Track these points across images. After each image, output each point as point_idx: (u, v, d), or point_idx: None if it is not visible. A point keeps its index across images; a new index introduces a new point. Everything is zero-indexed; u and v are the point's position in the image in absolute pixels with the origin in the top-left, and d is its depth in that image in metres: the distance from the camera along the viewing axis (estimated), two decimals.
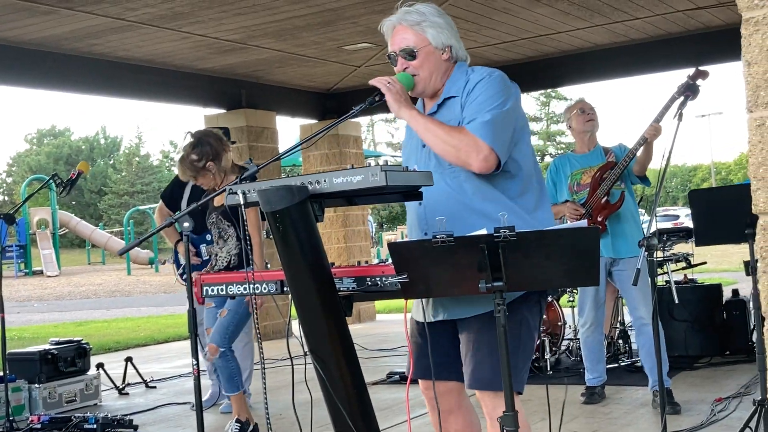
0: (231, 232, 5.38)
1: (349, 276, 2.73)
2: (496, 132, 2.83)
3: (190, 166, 5.25)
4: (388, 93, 2.91)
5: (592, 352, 5.81)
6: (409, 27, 2.99)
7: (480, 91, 2.89)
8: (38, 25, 7.64)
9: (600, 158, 5.78)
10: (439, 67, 3.01)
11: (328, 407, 2.77)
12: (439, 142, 2.85)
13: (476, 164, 2.81)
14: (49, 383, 6.51)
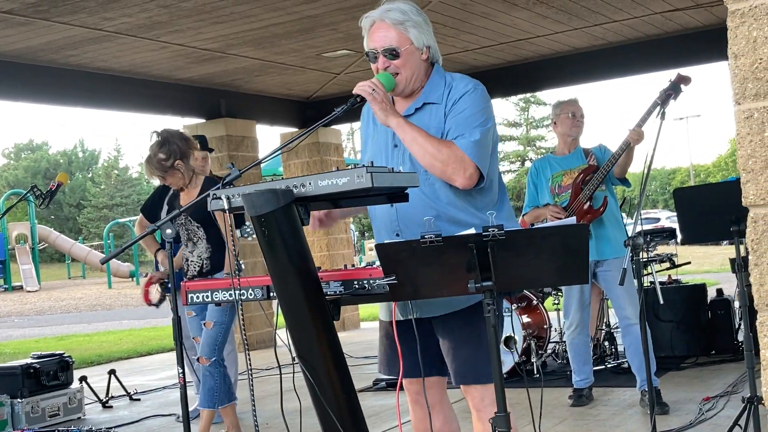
0: (200, 234, 5.26)
1: (336, 280, 2.69)
2: (480, 151, 2.86)
3: (157, 165, 5.13)
4: (374, 102, 2.87)
5: (579, 354, 5.80)
6: (392, 25, 2.95)
7: (466, 105, 2.89)
8: (14, 37, 7.57)
9: (580, 160, 5.78)
10: (419, 67, 2.99)
11: (318, 413, 2.73)
12: (427, 155, 2.84)
13: (461, 181, 2.84)
14: (32, 397, 6.42)
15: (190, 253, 5.29)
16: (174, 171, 5.15)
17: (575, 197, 5.62)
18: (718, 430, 4.71)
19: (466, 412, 5.54)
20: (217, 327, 5.15)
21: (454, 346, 2.89)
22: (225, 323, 5.19)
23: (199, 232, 5.25)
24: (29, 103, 9.38)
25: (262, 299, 2.83)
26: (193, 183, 5.25)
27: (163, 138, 5.19)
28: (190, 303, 2.97)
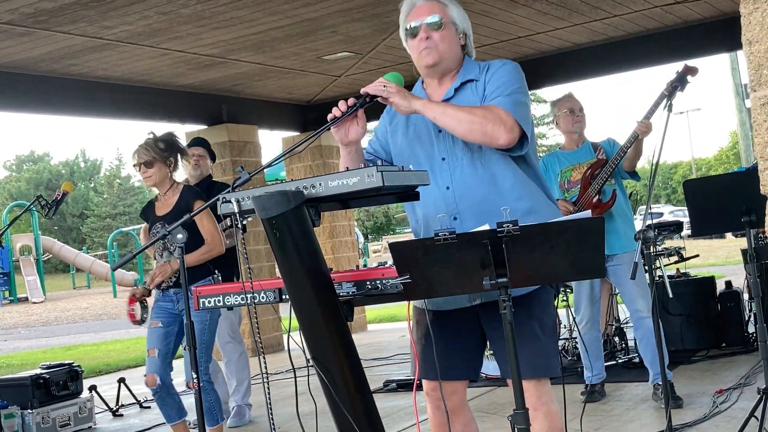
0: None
1: (349, 280, 2.67)
2: (520, 109, 2.84)
3: (153, 146, 5.03)
4: (391, 95, 2.82)
5: (590, 350, 5.78)
6: (437, 3, 2.96)
7: (503, 73, 2.91)
8: (14, 47, 7.57)
9: (589, 154, 5.76)
10: (455, 49, 2.98)
11: (333, 414, 2.71)
12: (461, 122, 2.79)
13: (504, 136, 2.78)
14: (42, 408, 6.41)
15: (167, 263, 5.07)
16: (161, 164, 5.04)
17: (584, 191, 5.61)
18: (733, 422, 4.68)
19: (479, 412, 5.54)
20: (198, 348, 4.83)
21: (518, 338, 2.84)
22: (205, 342, 5.02)
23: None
24: (31, 113, 9.39)
25: (275, 302, 2.80)
26: (171, 191, 5.14)
27: (170, 139, 5.17)
28: (202, 308, 2.95)
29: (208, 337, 5.03)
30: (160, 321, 5.00)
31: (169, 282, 5.01)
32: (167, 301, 5.02)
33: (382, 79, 2.91)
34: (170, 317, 4.99)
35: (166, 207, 5.12)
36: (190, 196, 5.09)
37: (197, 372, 3.10)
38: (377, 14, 7.87)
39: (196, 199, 5.07)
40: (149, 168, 5.01)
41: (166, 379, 4.94)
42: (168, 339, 4.98)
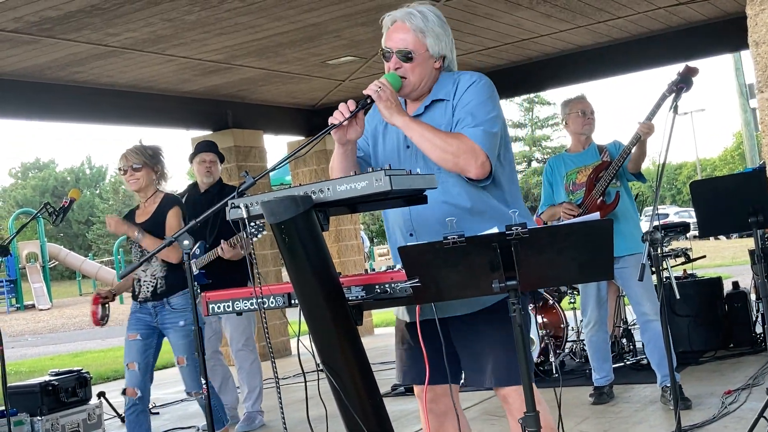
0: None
1: (358, 285, 2.68)
2: (490, 140, 2.85)
3: (142, 151, 5.09)
4: (379, 101, 2.88)
5: (598, 352, 5.78)
6: (411, 30, 2.97)
7: (472, 97, 2.90)
8: (20, 56, 7.59)
9: (594, 156, 5.77)
10: (430, 74, 3.01)
11: (343, 418, 2.72)
12: (437, 149, 2.83)
13: (474, 171, 2.82)
14: (52, 415, 6.41)
15: (143, 273, 5.01)
16: (147, 171, 5.08)
17: (589, 193, 5.62)
18: (742, 423, 4.68)
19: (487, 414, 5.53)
20: (191, 360, 4.90)
21: (488, 347, 2.86)
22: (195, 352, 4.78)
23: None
24: (37, 121, 9.39)
25: (284, 307, 2.81)
26: (153, 198, 5.14)
27: (158, 149, 5.22)
28: (211, 313, 2.95)
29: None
30: (139, 333, 4.95)
31: (146, 294, 4.96)
32: (145, 313, 4.98)
33: (382, 79, 2.93)
34: (148, 329, 4.95)
35: (145, 215, 5.12)
36: (170, 204, 5.11)
37: (206, 378, 3.10)
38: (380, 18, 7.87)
39: (173, 206, 5.09)
40: (137, 172, 5.06)
41: (145, 393, 4.93)
42: (147, 352, 4.95)
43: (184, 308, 4.91)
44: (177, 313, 4.91)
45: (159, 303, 4.93)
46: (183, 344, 4.87)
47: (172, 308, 4.92)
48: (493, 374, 2.86)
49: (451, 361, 2.91)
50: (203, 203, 6.29)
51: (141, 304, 4.99)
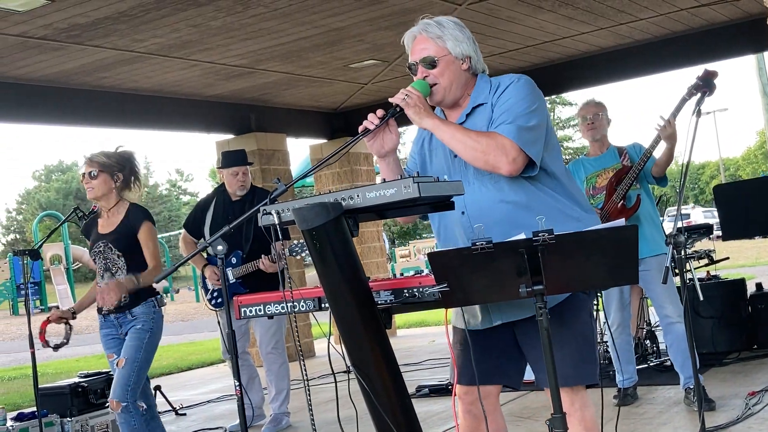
0: (121, 264, 4.84)
1: (386, 289, 2.74)
2: (526, 134, 2.86)
3: (100, 158, 4.90)
4: (407, 107, 2.93)
5: (622, 353, 5.81)
6: (429, 38, 3.03)
7: (510, 95, 2.93)
8: (48, 62, 7.71)
9: (614, 159, 5.80)
10: (459, 77, 3.04)
11: (373, 419, 2.78)
12: (467, 148, 2.87)
13: (505, 167, 2.84)
14: (81, 416, 6.52)
15: (106, 285, 4.82)
16: (107, 176, 4.90)
17: (609, 198, 5.65)
18: (766, 424, 4.70)
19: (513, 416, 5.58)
20: (129, 365, 4.71)
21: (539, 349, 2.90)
22: (139, 360, 4.73)
23: (119, 261, 4.85)
24: (64, 126, 9.57)
25: (314, 310, 2.88)
26: (116, 208, 4.96)
27: (127, 155, 5.02)
28: (243, 316, 3.02)
29: (142, 358, 4.76)
30: (113, 352, 4.88)
31: (110, 307, 4.79)
32: (110, 326, 4.89)
33: (408, 87, 2.99)
34: (120, 345, 4.84)
35: (109, 225, 4.94)
36: (138, 216, 4.91)
37: (239, 379, 3.17)
38: (404, 22, 7.93)
39: (144, 220, 4.88)
40: (93, 179, 4.88)
41: (149, 402, 4.95)
42: None
43: (144, 315, 4.80)
44: (137, 319, 4.80)
45: (122, 314, 4.83)
46: (130, 346, 4.74)
47: (133, 316, 4.81)
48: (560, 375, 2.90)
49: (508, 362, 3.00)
50: (236, 209, 6.37)
51: (105, 317, 4.89)
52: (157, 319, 4.87)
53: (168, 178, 63.75)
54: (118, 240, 4.86)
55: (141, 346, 4.74)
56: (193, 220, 6.60)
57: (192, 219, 6.63)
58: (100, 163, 4.90)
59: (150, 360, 4.84)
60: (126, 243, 4.84)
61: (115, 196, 4.97)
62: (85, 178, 4.93)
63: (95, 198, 4.95)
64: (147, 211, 4.99)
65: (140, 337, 4.75)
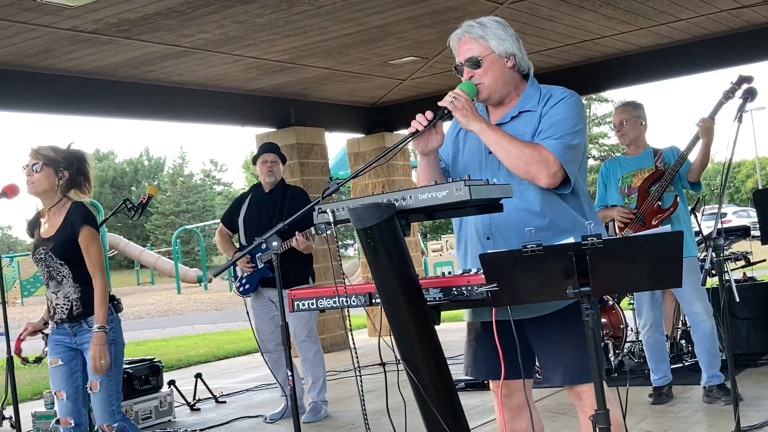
0: (65, 272, 4.41)
1: (436, 286, 2.85)
2: (568, 153, 2.99)
3: (46, 150, 4.48)
4: (455, 110, 3.03)
5: (655, 352, 5.88)
6: (473, 39, 3.13)
7: (560, 110, 3.05)
8: (96, 55, 7.89)
9: (649, 160, 5.83)
10: (504, 75, 3.14)
11: (421, 410, 2.90)
12: (510, 156, 2.99)
13: (544, 180, 2.97)
14: (126, 401, 6.69)
15: (54, 294, 4.45)
16: (49, 172, 4.45)
17: (642, 200, 5.71)
18: None
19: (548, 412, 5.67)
20: (105, 387, 4.36)
21: (560, 347, 3.02)
22: (113, 377, 4.40)
23: (63, 270, 4.42)
24: (109, 118, 9.74)
25: (365, 305, 3.00)
26: (57, 207, 4.49)
27: (78, 153, 4.62)
28: (296, 310, 3.14)
29: (115, 373, 4.40)
30: (60, 358, 4.45)
31: (62, 316, 4.44)
32: (63, 334, 4.46)
33: (456, 89, 3.09)
34: (69, 352, 4.45)
35: (51, 228, 4.49)
36: (77, 219, 4.42)
37: (291, 370, 3.30)
38: (444, 20, 8.03)
39: (82, 224, 4.38)
40: (35, 173, 4.43)
41: (80, 420, 4.47)
42: (73, 377, 4.46)
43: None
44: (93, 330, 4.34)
45: (76, 324, 4.41)
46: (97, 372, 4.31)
47: (90, 326, 4.37)
48: (566, 373, 3.01)
49: (525, 358, 3.07)
50: (268, 202, 6.66)
51: (58, 325, 4.47)
52: (116, 327, 4.44)
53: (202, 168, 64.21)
54: (57, 247, 4.41)
55: (110, 364, 4.34)
56: (229, 214, 6.90)
57: (228, 213, 6.94)
58: (45, 156, 4.46)
59: (121, 370, 4.49)
60: (67, 252, 4.40)
61: (58, 195, 4.50)
62: (27, 170, 4.45)
63: (35, 194, 4.48)
64: (87, 212, 4.49)
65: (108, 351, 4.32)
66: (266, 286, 6.54)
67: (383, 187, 11.82)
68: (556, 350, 3.04)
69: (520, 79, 3.19)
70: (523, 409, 3.24)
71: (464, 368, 3.35)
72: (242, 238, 6.70)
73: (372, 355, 4.01)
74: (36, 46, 7.38)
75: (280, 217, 6.37)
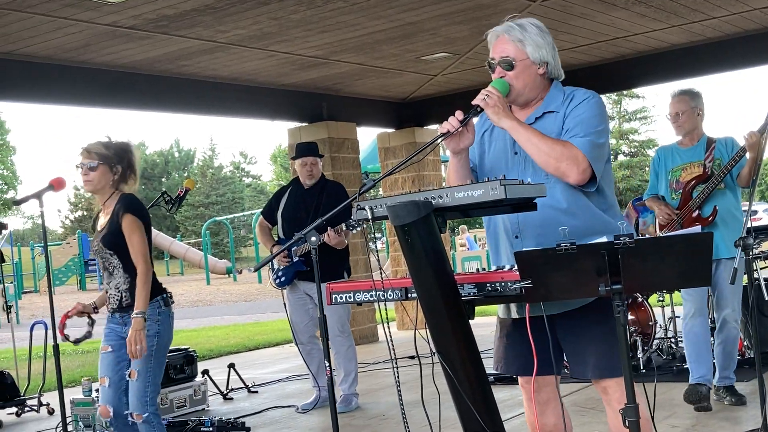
0: (115, 262, 4.54)
1: (471, 282, 2.94)
2: (595, 151, 3.07)
3: (100, 149, 4.58)
4: (487, 107, 3.10)
5: (696, 345, 5.58)
6: (511, 41, 3.20)
7: (584, 109, 3.12)
8: (134, 50, 8.04)
9: (702, 153, 5.69)
10: (534, 81, 3.21)
11: (456, 404, 2.99)
12: (541, 153, 3.07)
13: (574, 176, 3.05)
14: (162, 389, 6.86)
15: (107, 285, 4.62)
16: (106, 169, 4.56)
17: (685, 201, 5.65)
18: None
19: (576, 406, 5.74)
20: (142, 377, 4.45)
21: (590, 342, 3.09)
22: (151, 369, 4.48)
23: (113, 260, 4.54)
24: (144, 111, 9.91)
25: (401, 299, 3.09)
26: (110, 201, 4.61)
27: (125, 146, 4.71)
28: (333, 303, 3.25)
29: (155, 365, 4.49)
30: (110, 345, 4.58)
31: (114, 306, 4.57)
32: (115, 323, 4.59)
33: (489, 87, 3.17)
34: (120, 341, 4.53)
35: (104, 222, 4.62)
36: (121, 208, 4.52)
37: (329, 361, 3.40)
38: (477, 17, 8.10)
39: (125, 213, 4.49)
40: (92, 171, 4.55)
41: (120, 409, 4.52)
42: (119, 365, 4.54)
43: (149, 318, 4.41)
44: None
45: (126, 314, 4.52)
46: (140, 359, 4.41)
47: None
48: (596, 367, 3.08)
49: (556, 354, 3.15)
50: (306, 197, 6.79)
51: (111, 314, 4.62)
52: (164, 320, 4.54)
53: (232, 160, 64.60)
54: (106, 237, 4.54)
55: (150, 355, 4.45)
56: (269, 208, 7.02)
57: (268, 207, 7.06)
58: (99, 154, 4.58)
59: (162, 364, 4.59)
60: (115, 241, 4.50)
61: (110, 189, 4.62)
62: (83, 170, 4.57)
63: (93, 191, 4.65)
64: (133, 202, 4.58)
65: (148, 345, 4.40)
66: (302, 280, 6.67)
67: (413, 181, 11.91)
68: (586, 345, 3.11)
69: (547, 83, 3.27)
70: (550, 404, 3.32)
71: (494, 363, 3.42)
72: (280, 232, 6.84)
73: (403, 347, 4.11)
74: (75, 41, 7.54)
75: (318, 212, 6.51)
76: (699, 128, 5.78)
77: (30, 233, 65.15)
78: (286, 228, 6.75)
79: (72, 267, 33.22)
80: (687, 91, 5.74)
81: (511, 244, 3.20)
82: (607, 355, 3.02)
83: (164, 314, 4.53)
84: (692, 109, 5.71)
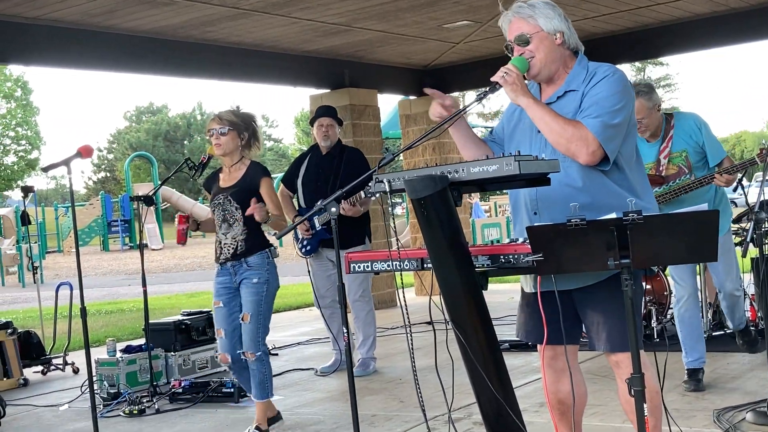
0: (238, 216, 5.13)
1: (484, 254, 3.04)
2: (608, 131, 3.11)
3: (231, 116, 5.18)
4: (505, 84, 3.19)
5: (691, 329, 5.48)
6: (522, 18, 3.28)
7: (601, 88, 3.17)
8: (157, 16, 8.11)
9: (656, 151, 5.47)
10: (554, 51, 3.27)
11: (468, 369, 3.11)
12: (552, 132, 3.15)
13: (583, 157, 3.12)
14: (184, 351, 7.04)
15: (224, 236, 5.17)
16: (233, 136, 5.15)
17: None
18: None
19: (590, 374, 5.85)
20: (254, 319, 5.05)
21: (604, 316, 3.18)
22: (262, 313, 5.08)
23: (237, 213, 5.13)
24: (169, 77, 10.03)
25: (417, 269, 3.20)
26: (238, 164, 5.24)
27: (250, 116, 5.31)
28: (352, 272, 3.36)
29: (265, 309, 5.09)
30: (221, 300, 5.17)
31: (227, 255, 5.11)
32: (225, 275, 5.17)
33: (508, 64, 3.24)
34: (229, 294, 5.15)
35: (230, 180, 5.22)
36: (258, 173, 5.19)
37: (347, 326, 3.52)
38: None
39: (263, 176, 5.17)
40: (223, 136, 5.13)
41: (236, 356, 5.13)
42: (232, 316, 5.15)
43: (259, 266, 5.08)
44: (252, 270, 5.08)
45: (237, 262, 5.10)
46: (251, 301, 5.05)
47: (249, 266, 5.08)
48: (608, 340, 3.18)
49: (572, 324, 3.26)
50: (325, 164, 6.85)
51: (222, 265, 5.17)
52: (271, 270, 5.13)
53: None
54: (238, 194, 5.12)
55: (261, 300, 5.04)
56: (289, 175, 7.07)
57: (288, 174, 7.12)
58: (229, 121, 5.16)
59: (271, 309, 5.16)
60: (245, 197, 5.05)
61: (239, 154, 5.22)
62: (215, 135, 5.15)
63: (223, 154, 5.20)
64: (266, 169, 5.31)
65: (258, 291, 5.04)
66: (326, 247, 6.77)
67: (434, 148, 11.97)
68: (600, 319, 3.20)
69: (569, 55, 3.33)
70: (566, 372, 3.41)
71: (516, 330, 3.52)
72: (301, 200, 6.91)
73: (419, 313, 4.22)
74: (101, 7, 7.63)
75: (336, 179, 6.60)
76: (660, 121, 5.52)
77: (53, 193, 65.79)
78: (307, 196, 6.83)
79: (95, 228, 33.63)
80: (642, 92, 5.39)
81: (530, 220, 3.28)
82: (620, 329, 3.10)
83: (272, 265, 5.15)
84: (650, 109, 5.42)
